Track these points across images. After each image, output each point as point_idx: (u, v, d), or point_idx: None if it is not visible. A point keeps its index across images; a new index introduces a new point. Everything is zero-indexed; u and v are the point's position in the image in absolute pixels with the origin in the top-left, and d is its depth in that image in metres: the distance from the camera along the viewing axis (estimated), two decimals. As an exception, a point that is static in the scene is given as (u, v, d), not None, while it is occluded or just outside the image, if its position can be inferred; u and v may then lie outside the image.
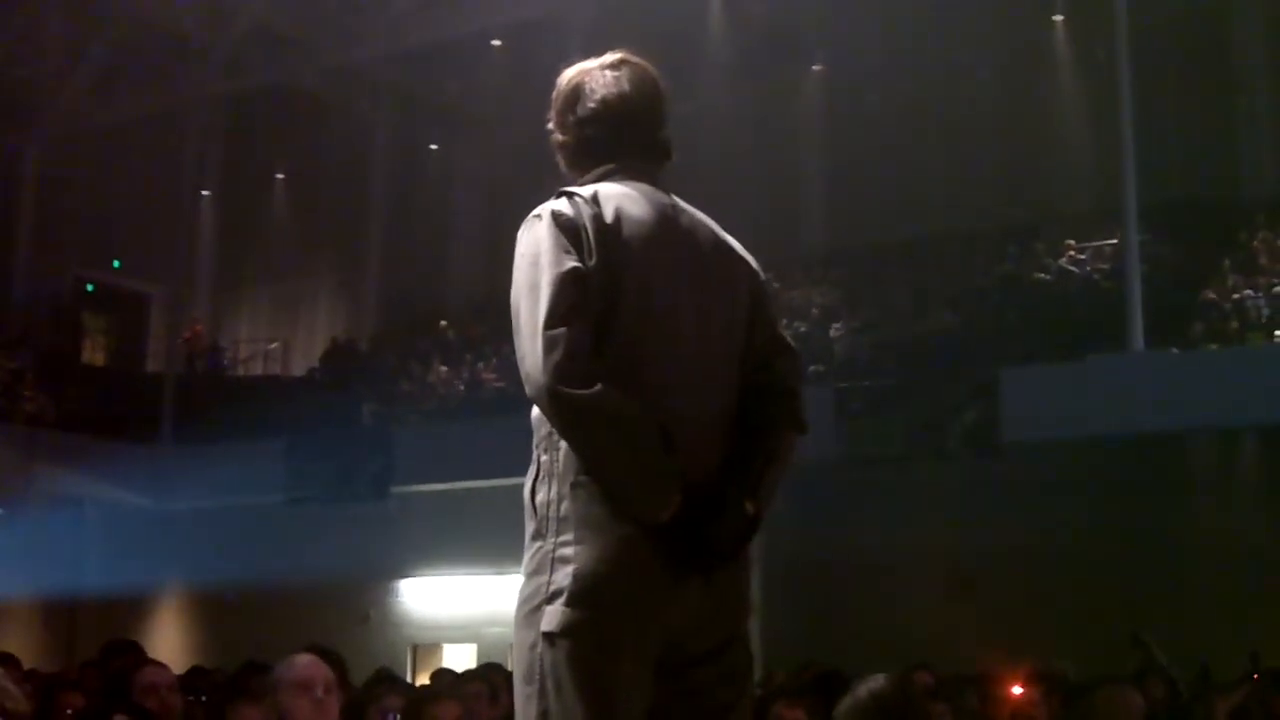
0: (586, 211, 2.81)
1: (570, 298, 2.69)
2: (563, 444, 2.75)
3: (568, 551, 2.71)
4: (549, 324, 2.66)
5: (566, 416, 2.68)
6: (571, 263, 2.73)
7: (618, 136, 3.03)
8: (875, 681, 4.21)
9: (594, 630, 2.66)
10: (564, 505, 2.74)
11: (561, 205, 2.83)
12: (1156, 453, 15.45)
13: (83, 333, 26.16)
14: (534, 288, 2.72)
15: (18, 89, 23.49)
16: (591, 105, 3.04)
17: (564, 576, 2.69)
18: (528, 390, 2.72)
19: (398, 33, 22.35)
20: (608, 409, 2.65)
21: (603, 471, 2.70)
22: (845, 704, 4.20)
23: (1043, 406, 14.89)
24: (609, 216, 2.81)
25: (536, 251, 2.77)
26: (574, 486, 2.73)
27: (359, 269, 24.72)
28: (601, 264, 2.76)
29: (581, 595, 2.67)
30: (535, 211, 2.85)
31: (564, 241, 2.76)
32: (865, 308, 18.95)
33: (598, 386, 2.64)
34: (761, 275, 3.08)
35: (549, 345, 2.65)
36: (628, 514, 2.68)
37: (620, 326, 2.74)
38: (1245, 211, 17.91)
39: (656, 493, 2.67)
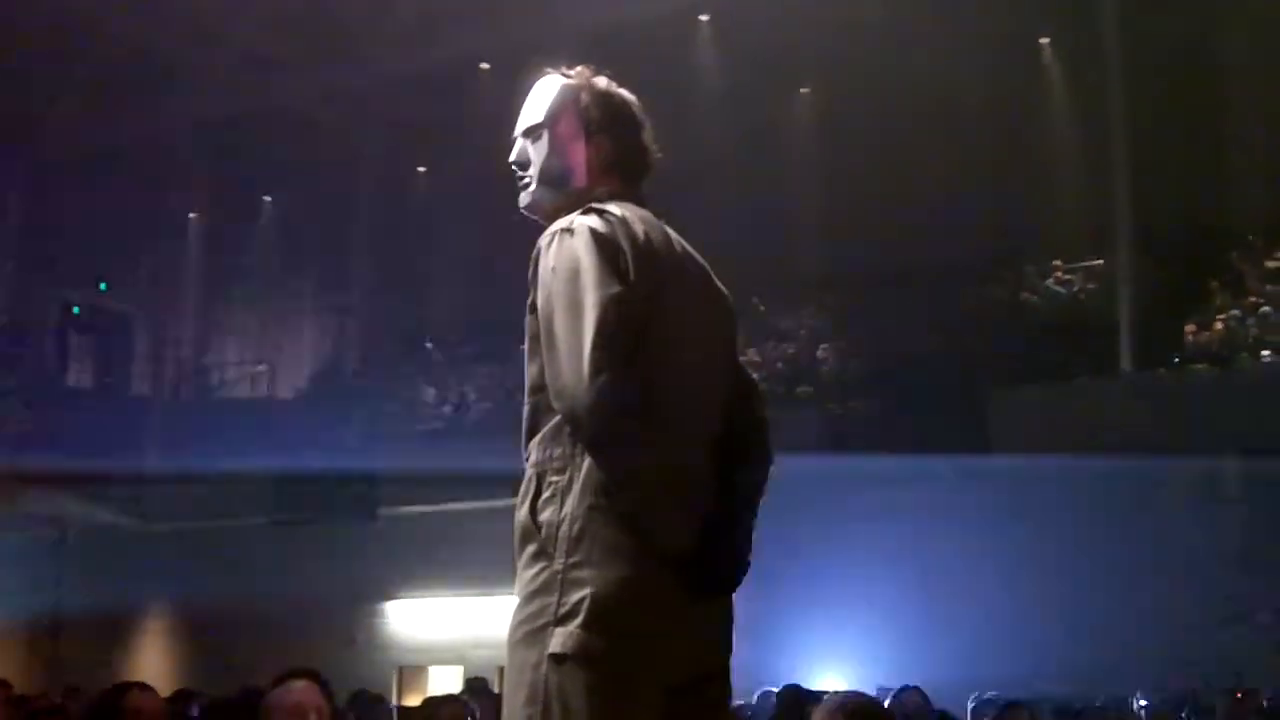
0: (622, 232, 2.80)
1: (617, 321, 2.66)
2: (584, 464, 2.71)
3: (582, 574, 2.67)
4: (597, 344, 2.63)
5: (608, 439, 2.66)
6: (618, 286, 2.70)
7: (644, 159, 3.07)
8: (846, 695, 4.24)
9: (610, 655, 2.63)
10: (576, 526, 2.69)
11: (597, 224, 2.80)
12: (1144, 474, 15.45)
13: (68, 354, 26.09)
14: (575, 305, 2.70)
15: (4, 109, 23.45)
16: (639, 124, 3.06)
17: (577, 599, 2.65)
18: (561, 405, 2.70)
19: (386, 55, 22.36)
20: (648, 436, 2.65)
21: (629, 495, 2.67)
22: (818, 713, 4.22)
23: (1031, 428, 14.89)
24: (641, 240, 2.81)
25: (575, 268, 2.74)
26: (591, 509, 2.69)
27: (346, 292, 24.70)
28: (638, 288, 2.74)
29: (598, 619, 2.63)
30: (563, 225, 2.83)
31: (607, 262, 2.73)
32: (853, 329, 18.96)
33: (639, 414, 2.63)
34: (733, 307, 3.10)
35: (596, 367, 2.62)
36: (646, 539, 2.66)
37: (645, 352, 2.72)
38: (1233, 233, 17.95)
39: (675, 521, 2.66)
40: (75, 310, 26.21)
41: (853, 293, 19.98)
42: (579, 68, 3.12)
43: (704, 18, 20.85)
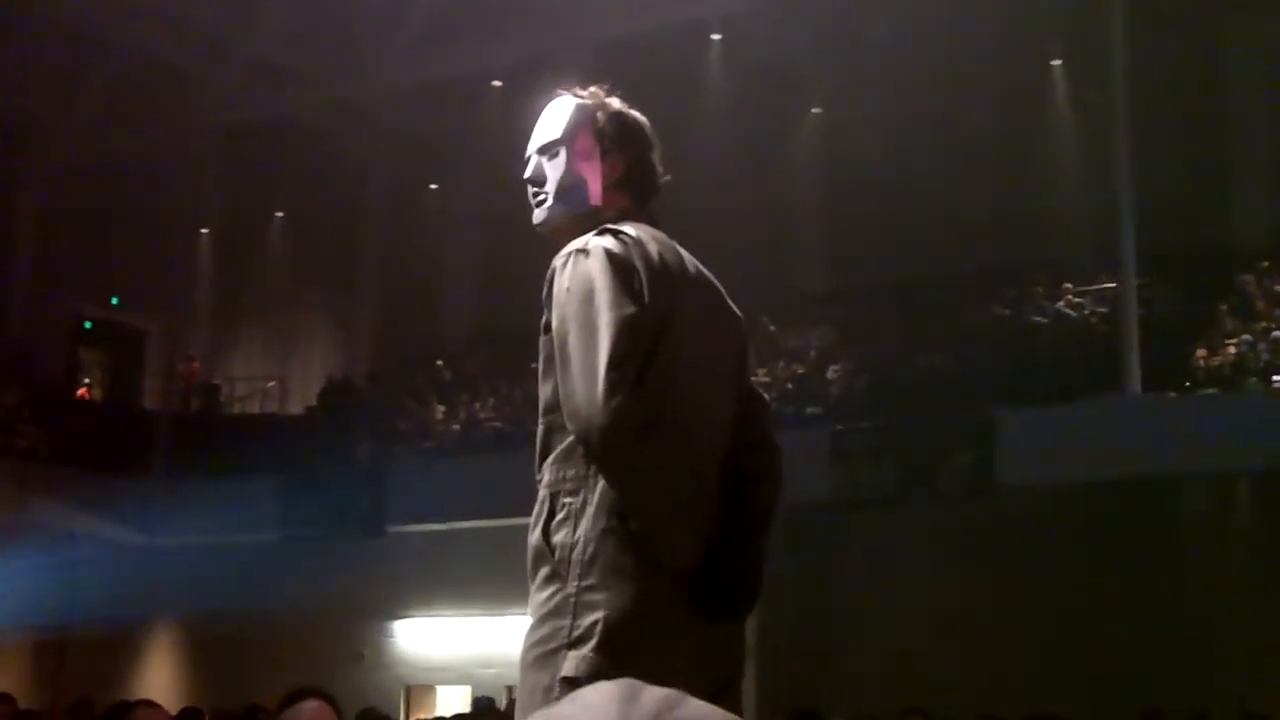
0: (636, 253, 2.80)
1: (631, 342, 2.67)
2: (599, 486, 2.71)
3: (596, 597, 2.66)
4: (612, 366, 2.63)
5: (621, 462, 2.66)
6: (632, 307, 2.71)
7: (654, 179, 3.09)
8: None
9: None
10: (590, 549, 2.69)
11: (612, 245, 2.81)
12: (1151, 497, 15.43)
13: (79, 368, 26.14)
14: (589, 326, 2.70)
15: (16, 123, 23.54)
16: (651, 144, 3.07)
17: (590, 622, 2.65)
18: (574, 426, 2.69)
19: (398, 71, 22.41)
20: (661, 459, 2.65)
21: (642, 518, 2.66)
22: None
23: (1038, 449, 14.87)
24: (655, 261, 2.81)
25: (589, 288, 2.74)
26: (605, 531, 2.69)
27: (356, 307, 24.71)
28: (652, 309, 2.75)
29: (611, 643, 2.63)
30: (578, 246, 2.83)
31: (621, 283, 2.73)
32: (861, 349, 18.95)
33: (652, 436, 2.63)
34: (745, 327, 3.09)
35: (610, 388, 2.62)
36: (659, 562, 2.66)
37: (657, 373, 2.72)
38: (1242, 257, 17.93)
39: (687, 543, 2.66)
40: (87, 324, 26.28)
41: (861, 312, 19.98)
42: (592, 88, 3.13)
43: (715, 36, 20.87)
